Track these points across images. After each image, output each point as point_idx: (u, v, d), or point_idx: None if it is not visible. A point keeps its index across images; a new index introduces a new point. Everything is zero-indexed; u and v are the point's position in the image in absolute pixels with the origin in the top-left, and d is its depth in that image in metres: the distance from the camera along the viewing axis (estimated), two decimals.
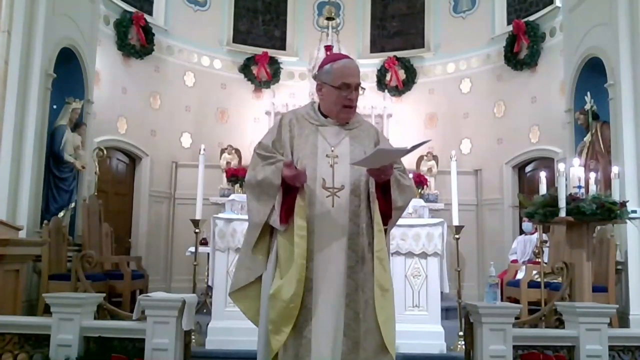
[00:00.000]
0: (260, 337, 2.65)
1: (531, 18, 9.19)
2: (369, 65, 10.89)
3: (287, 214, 2.58)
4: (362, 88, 2.75)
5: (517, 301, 6.13)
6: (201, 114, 10.22)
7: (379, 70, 10.78)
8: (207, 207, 6.48)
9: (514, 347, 3.61)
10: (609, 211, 4.45)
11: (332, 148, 2.66)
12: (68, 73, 7.01)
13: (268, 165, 2.63)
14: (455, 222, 5.07)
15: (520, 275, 6.71)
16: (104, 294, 4.14)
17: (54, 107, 6.76)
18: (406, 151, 2.53)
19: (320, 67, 2.80)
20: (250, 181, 2.69)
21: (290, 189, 2.59)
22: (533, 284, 6.11)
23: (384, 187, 2.65)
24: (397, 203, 2.66)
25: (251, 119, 10.43)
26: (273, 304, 2.54)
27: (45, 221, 6.21)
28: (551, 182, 5.14)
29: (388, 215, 2.67)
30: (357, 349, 2.49)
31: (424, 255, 4.81)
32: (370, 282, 2.55)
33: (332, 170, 2.62)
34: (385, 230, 2.67)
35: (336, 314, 2.52)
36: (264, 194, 2.63)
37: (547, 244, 6.59)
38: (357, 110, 2.83)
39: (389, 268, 2.64)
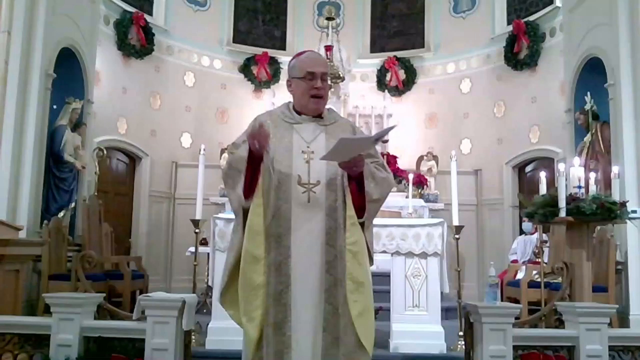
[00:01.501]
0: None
1: (531, 18, 9.19)
2: (369, 65, 10.92)
3: (250, 189, 2.61)
4: (331, 80, 2.77)
5: (517, 301, 6.13)
6: (201, 114, 10.22)
7: (379, 70, 10.78)
8: (207, 207, 6.50)
9: (514, 347, 3.61)
10: (609, 211, 4.45)
11: (308, 144, 2.67)
12: (68, 73, 7.01)
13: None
14: (455, 222, 5.07)
15: (520, 275, 6.70)
16: (104, 294, 4.14)
17: (54, 107, 6.76)
18: (371, 140, 2.53)
19: (289, 65, 2.83)
20: (225, 171, 2.74)
21: (255, 164, 2.62)
22: (533, 284, 6.10)
23: (360, 180, 2.64)
24: (373, 196, 2.63)
25: (251, 119, 10.29)
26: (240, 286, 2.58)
27: (45, 221, 6.21)
28: (551, 182, 5.15)
29: (364, 208, 2.65)
30: (337, 344, 2.50)
31: (424, 255, 4.80)
32: None
33: (308, 166, 2.63)
34: (363, 224, 2.66)
35: (316, 310, 2.53)
36: (235, 171, 2.66)
37: (547, 244, 6.60)
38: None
39: (365, 261, 2.62)
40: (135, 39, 9.08)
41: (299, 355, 2.49)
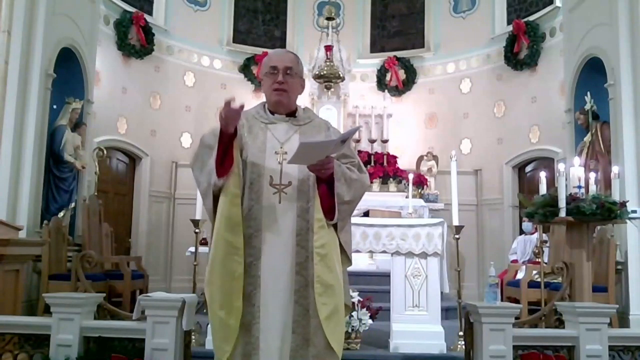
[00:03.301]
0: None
1: (531, 18, 9.20)
2: (369, 65, 10.92)
3: (223, 167, 2.54)
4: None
5: (517, 301, 6.13)
6: (201, 114, 10.21)
7: (379, 70, 10.78)
8: None
9: (514, 347, 3.61)
10: (609, 211, 4.45)
11: (281, 145, 2.64)
12: (68, 73, 7.01)
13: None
14: (455, 222, 5.06)
15: (520, 275, 6.71)
16: (104, 294, 4.14)
17: (54, 107, 6.76)
18: (334, 142, 2.49)
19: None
20: (195, 153, 2.68)
21: (225, 142, 2.55)
22: (533, 284, 6.11)
23: (331, 182, 2.59)
24: (344, 197, 2.59)
25: None
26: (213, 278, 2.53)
27: (45, 221, 6.21)
28: (551, 182, 5.15)
29: (334, 210, 2.59)
30: (307, 345, 2.48)
31: (424, 255, 4.80)
32: None
33: (280, 167, 2.60)
34: (336, 226, 2.61)
35: (285, 311, 2.51)
36: (205, 148, 2.60)
37: (547, 244, 6.60)
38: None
39: (335, 264, 2.56)
40: (135, 39, 9.08)
41: (267, 356, 2.47)
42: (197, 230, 5.20)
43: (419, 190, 9.31)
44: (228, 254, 2.51)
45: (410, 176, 8.10)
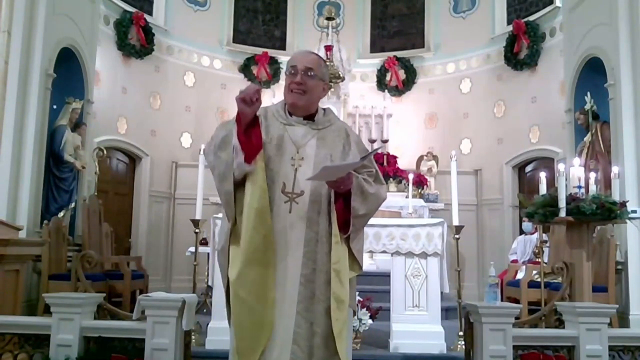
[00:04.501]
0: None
1: (531, 18, 9.20)
2: (369, 65, 10.93)
3: (251, 149, 2.46)
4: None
5: (517, 301, 6.13)
6: (201, 114, 10.23)
7: (379, 70, 10.79)
8: (207, 207, 6.52)
9: (514, 347, 3.62)
10: (609, 211, 4.45)
11: (298, 150, 2.56)
12: (68, 73, 7.01)
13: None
14: (455, 222, 5.07)
15: (520, 275, 6.71)
16: (104, 294, 4.15)
17: (54, 107, 6.76)
18: (355, 164, 2.46)
19: None
20: (214, 143, 2.57)
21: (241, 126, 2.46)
22: (533, 284, 6.11)
23: (348, 195, 2.53)
24: (359, 211, 2.53)
25: None
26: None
27: (45, 221, 6.21)
28: (551, 182, 5.15)
29: (349, 224, 2.55)
30: (309, 359, 2.43)
31: (424, 255, 4.80)
32: (327, 293, 2.46)
33: (295, 173, 2.51)
34: (349, 237, 2.57)
35: (286, 321, 2.44)
36: (228, 134, 2.51)
37: (547, 244, 6.60)
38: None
39: (346, 280, 2.53)
40: (135, 39, 9.08)
41: None
42: (197, 230, 5.21)
43: (419, 190, 9.31)
44: (267, 249, 2.44)
45: (410, 176, 8.11)
